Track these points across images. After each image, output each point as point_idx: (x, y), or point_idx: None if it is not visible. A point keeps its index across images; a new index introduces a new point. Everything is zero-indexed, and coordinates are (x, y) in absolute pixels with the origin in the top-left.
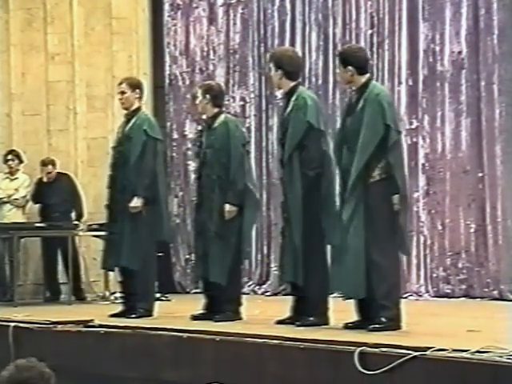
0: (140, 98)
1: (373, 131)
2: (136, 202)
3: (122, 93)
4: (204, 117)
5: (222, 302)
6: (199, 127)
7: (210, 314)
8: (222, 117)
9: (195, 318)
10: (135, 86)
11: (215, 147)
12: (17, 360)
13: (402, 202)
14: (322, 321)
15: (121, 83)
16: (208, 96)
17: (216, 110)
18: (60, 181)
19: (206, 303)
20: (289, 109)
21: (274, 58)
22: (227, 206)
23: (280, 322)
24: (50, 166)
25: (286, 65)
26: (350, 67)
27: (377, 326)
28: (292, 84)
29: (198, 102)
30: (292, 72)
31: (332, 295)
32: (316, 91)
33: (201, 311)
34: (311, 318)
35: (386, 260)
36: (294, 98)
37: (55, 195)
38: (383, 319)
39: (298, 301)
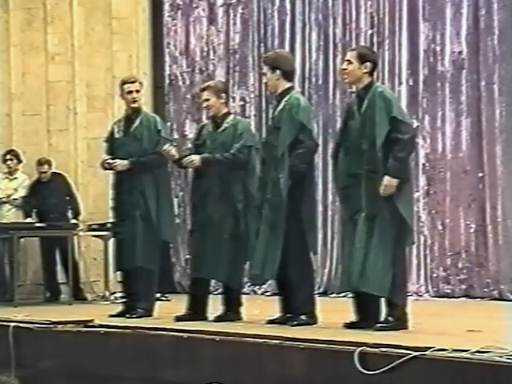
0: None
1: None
2: None
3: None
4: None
5: (224, 302)
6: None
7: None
8: (231, 117)
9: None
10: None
11: (225, 148)
12: None
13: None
14: (313, 320)
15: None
16: (223, 94)
17: (226, 109)
18: (55, 181)
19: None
20: (280, 107)
21: (269, 60)
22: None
23: (271, 322)
24: (45, 166)
25: (283, 65)
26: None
27: (384, 325)
28: (288, 85)
29: (211, 102)
30: (289, 72)
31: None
32: (316, 91)
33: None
34: (303, 317)
35: (396, 259)
36: (286, 98)
37: (51, 195)
38: (390, 318)
39: (286, 300)
